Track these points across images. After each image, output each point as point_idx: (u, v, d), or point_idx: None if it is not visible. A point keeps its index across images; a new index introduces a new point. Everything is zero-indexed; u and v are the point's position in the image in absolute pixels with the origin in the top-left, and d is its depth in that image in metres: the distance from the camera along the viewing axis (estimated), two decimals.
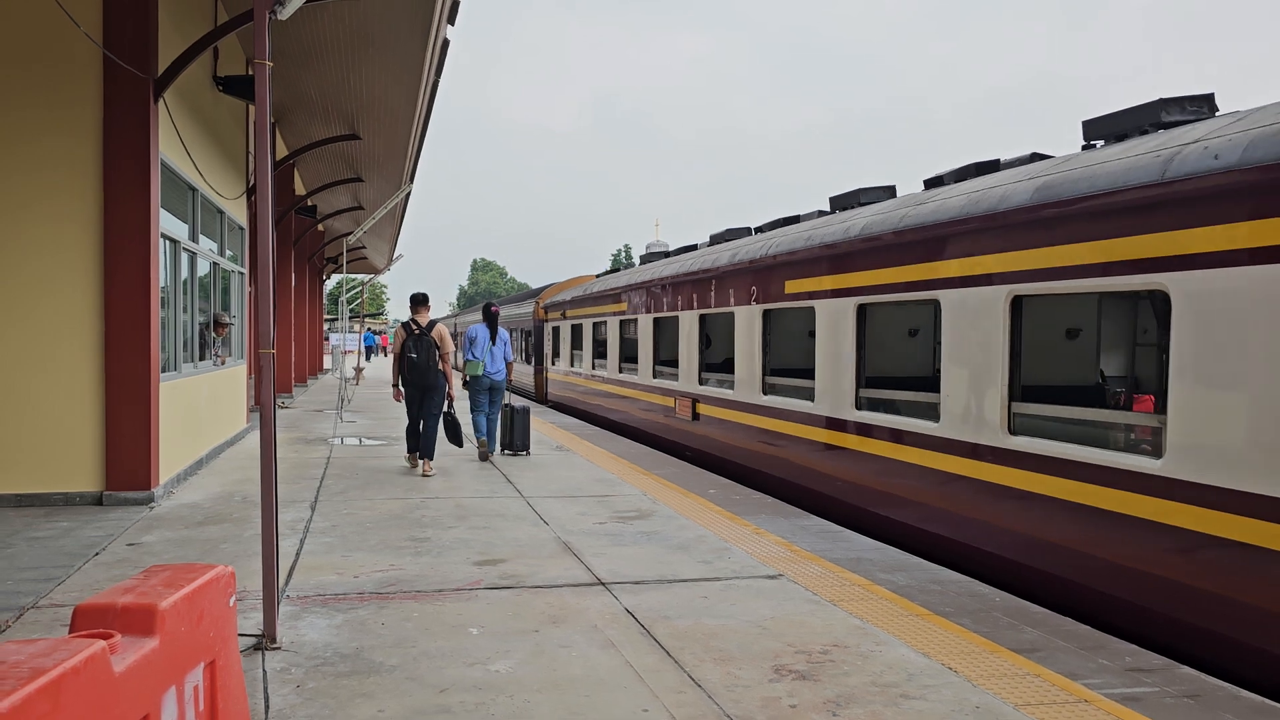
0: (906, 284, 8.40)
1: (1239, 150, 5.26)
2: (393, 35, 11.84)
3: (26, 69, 8.81)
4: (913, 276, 8.33)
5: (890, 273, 8.66)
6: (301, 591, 6.18)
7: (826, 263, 9.86)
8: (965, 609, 5.99)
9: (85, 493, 9.04)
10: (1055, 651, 5.19)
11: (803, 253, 10.29)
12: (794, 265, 10.56)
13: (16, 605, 5.78)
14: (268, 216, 5.41)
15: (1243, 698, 4.55)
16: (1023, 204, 6.85)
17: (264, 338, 5.40)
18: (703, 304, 13.28)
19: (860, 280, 9.20)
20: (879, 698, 4.50)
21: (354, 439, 14.98)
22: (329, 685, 4.58)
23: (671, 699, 4.45)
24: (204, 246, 12.28)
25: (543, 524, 8.42)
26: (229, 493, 9.91)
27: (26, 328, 8.91)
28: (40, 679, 2.28)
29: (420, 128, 16.59)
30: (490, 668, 4.82)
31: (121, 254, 9.02)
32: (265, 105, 5.46)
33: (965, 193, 7.82)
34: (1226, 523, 5.26)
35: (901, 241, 8.45)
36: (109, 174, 8.98)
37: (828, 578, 6.69)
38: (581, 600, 6.05)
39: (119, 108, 8.97)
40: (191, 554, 7.21)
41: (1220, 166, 5.32)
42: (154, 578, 3.25)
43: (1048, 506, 6.59)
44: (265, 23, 5.38)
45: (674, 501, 9.59)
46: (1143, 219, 5.87)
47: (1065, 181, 6.57)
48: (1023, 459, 6.85)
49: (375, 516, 8.67)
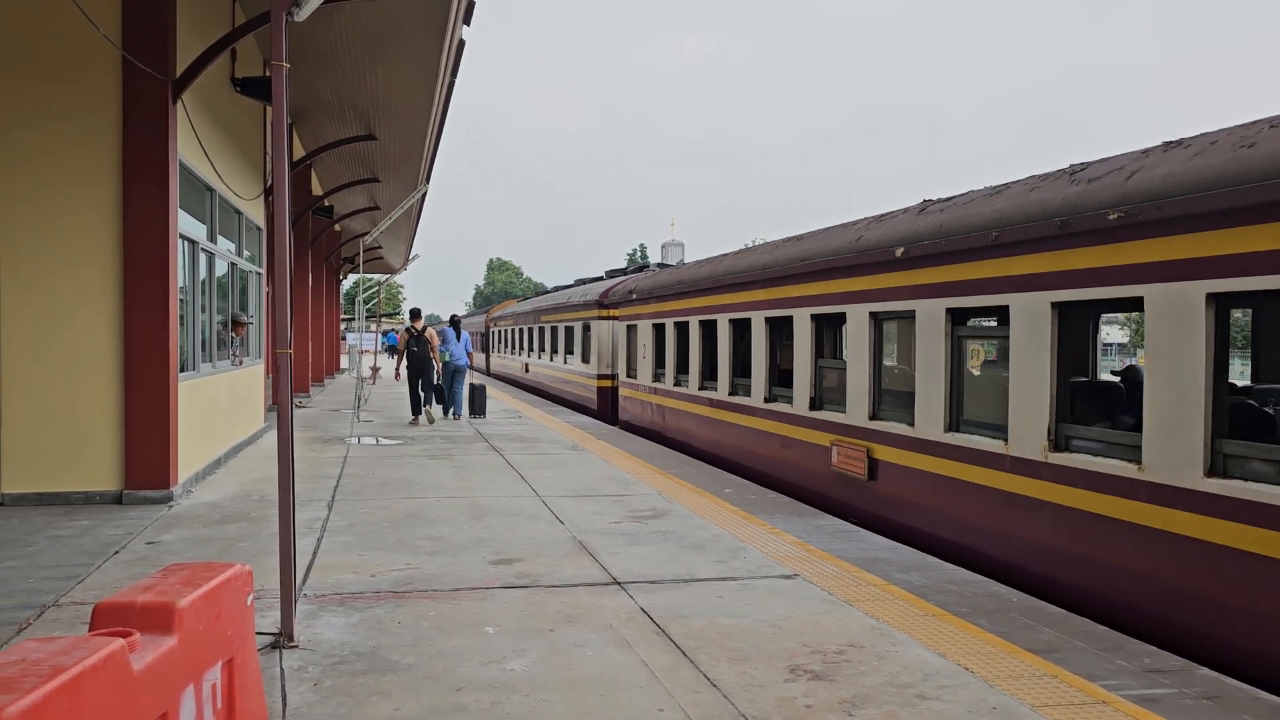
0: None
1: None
2: (408, 36, 11.88)
3: (47, 70, 8.89)
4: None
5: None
6: (319, 590, 6.21)
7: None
8: (982, 609, 5.96)
9: (105, 491, 9.12)
10: (1072, 652, 5.16)
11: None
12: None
13: (38, 603, 5.84)
14: (285, 217, 5.44)
15: (1263, 699, 4.51)
16: None
17: (281, 338, 5.43)
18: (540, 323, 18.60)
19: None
20: (895, 698, 4.48)
21: (371, 438, 15.05)
22: (346, 683, 4.60)
23: (687, 698, 4.45)
24: (222, 247, 12.35)
25: (558, 523, 8.44)
26: (247, 491, 9.98)
27: (45, 328, 8.99)
28: (60, 677, 2.30)
29: (436, 128, 16.64)
30: (506, 667, 4.83)
31: (140, 254, 9.09)
32: (282, 106, 5.49)
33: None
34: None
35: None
36: (128, 175, 9.05)
37: (843, 577, 6.67)
38: (597, 599, 6.06)
39: (138, 109, 9.04)
40: (210, 553, 7.26)
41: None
42: (173, 576, 3.28)
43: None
44: (282, 24, 5.41)
45: (690, 501, 9.58)
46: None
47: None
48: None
49: (392, 515, 8.70)
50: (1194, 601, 5.67)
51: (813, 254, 10.63)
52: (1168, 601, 5.86)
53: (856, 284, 9.67)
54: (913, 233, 8.66)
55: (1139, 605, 6.07)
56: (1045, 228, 6.84)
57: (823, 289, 10.39)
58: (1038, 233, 6.92)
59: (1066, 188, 6.83)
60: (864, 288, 9.52)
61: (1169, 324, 5.89)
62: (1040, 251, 6.99)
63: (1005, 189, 7.82)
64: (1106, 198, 6.37)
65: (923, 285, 8.49)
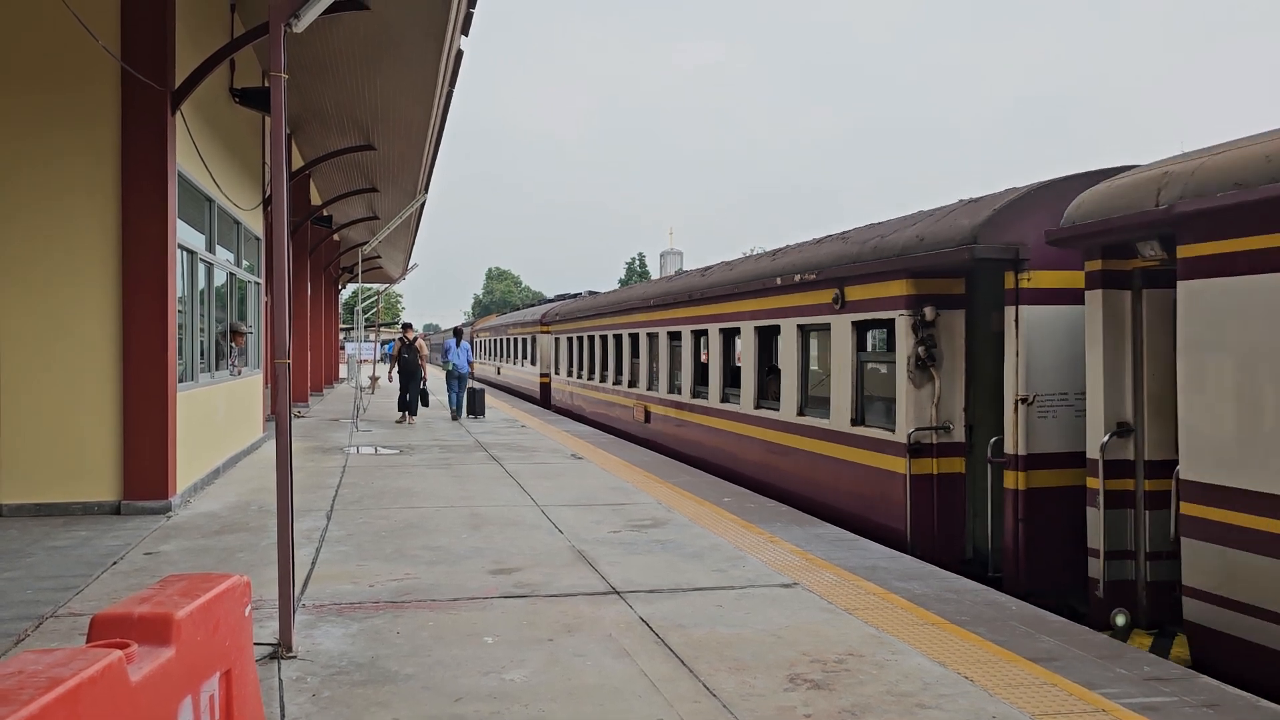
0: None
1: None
2: (407, 47, 11.91)
3: (45, 80, 8.91)
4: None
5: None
6: (317, 600, 6.20)
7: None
8: (981, 618, 5.95)
9: (103, 502, 9.10)
10: (1072, 660, 5.15)
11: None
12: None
13: (35, 614, 5.83)
14: (283, 227, 5.45)
15: (1263, 706, 4.51)
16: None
17: (279, 348, 5.43)
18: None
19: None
20: (895, 707, 4.48)
21: (369, 448, 15.04)
22: (344, 694, 4.59)
23: (686, 708, 4.44)
24: (221, 257, 12.36)
25: (557, 532, 8.43)
26: (245, 502, 9.96)
27: (44, 339, 8.99)
28: (57, 689, 2.30)
29: (434, 138, 16.67)
30: (505, 677, 4.82)
31: (139, 264, 9.10)
32: (281, 116, 5.50)
33: None
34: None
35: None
36: (127, 185, 9.06)
37: (843, 586, 6.66)
38: (596, 609, 6.05)
39: (136, 119, 9.06)
40: (208, 563, 7.25)
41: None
42: (170, 587, 3.27)
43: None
44: (281, 35, 5.42)
45: (688, 509, 9.57)
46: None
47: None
48: None
49: (391, 525, 8.69)
50: (792, 478, 11.03)
51: (638, 296, 18.43)
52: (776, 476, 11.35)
53: (660, 314, 16.34)
54: (695, 285, 14.84)
55: (782, 484, 11.18)
56: (749, 284, 12.44)
57: (642, 318, 17.51)
58: (747, 288, 12.48)
59: (756, 264, 13.03)
60: (664, 316, 16.14)
61: (771, 339, 12.22)
62: (748, 299, 12.53)
63: (743, 260, 14.52)
64: (764, 271, 12.19)
65: (693, 316, 14.67)
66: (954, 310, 8.55)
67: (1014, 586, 7.60)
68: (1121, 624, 6.47)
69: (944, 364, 8.53)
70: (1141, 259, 6.45)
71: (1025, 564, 7.70)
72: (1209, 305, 5.63)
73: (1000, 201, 8.12)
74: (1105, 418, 6.67)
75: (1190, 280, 5.75)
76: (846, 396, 9.74)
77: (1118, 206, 6.38)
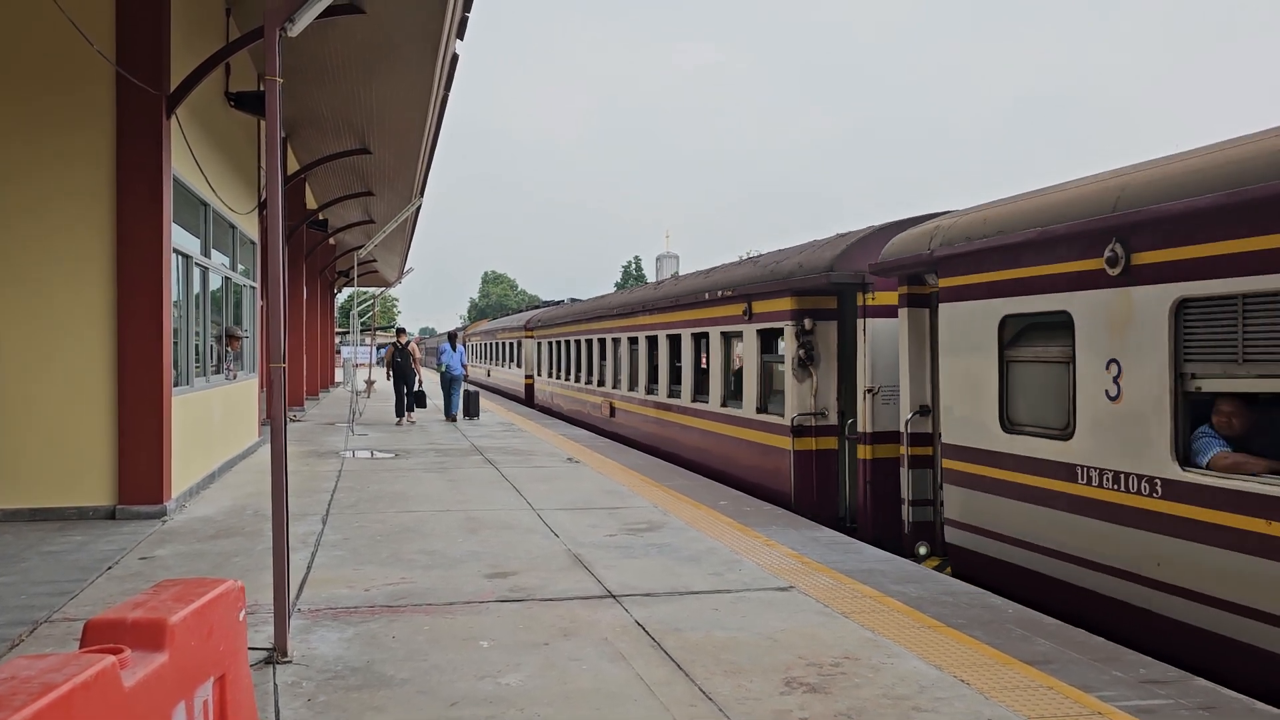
0: None
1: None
2: (402, 51, 11.92)
3: (40, 85, 8.89)
4: None
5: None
6: (313, 605, 6.19)
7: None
8: (978, 621, 5.95)
9: (98, 506, 9.08)
10: (1068, 663, 5.15)
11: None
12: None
13: (30, 619, 5.81)
14: (278, 231, 5.45)
15: (1259, 709, 4.51)
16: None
17: (275, 352, 5.43)
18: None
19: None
20: (891, 710, 4.47)
21: (365, 452, 15.02)
22: (340, 698, 4.58)
23: (682, 712, 4.44)
24: (216, 261, 12.35)
25: (553, 536, 8.42)
26: (241, 506, 9.95)
27: (38, 343, 8.97)
28: (50, 694, 2.29)
29: (430, 141, 16.67)
30: (501, 681, 4.81)
31: (134, 268, 9.08)
32: (276, 121, 5.49)
33: None
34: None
35: None
36: (122, 190, 9.04)
37: (839, 589, 6.66)
38: (592, 613, 6.04)
39: (132, 124, 9.04)
40: (203, 568, 7.23)
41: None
42: (164, 592, 3.26)
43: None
44: (276, 39, 5.42)
45: (685, 513, 9.57)
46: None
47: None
48: None
49: (386, 529, 8.67)
50: (731, 462, 12.75)
51: (604, 305, 20.72)
52: (722, 463, 12.99)
53: (621, 322, 18.64)
54: (649, 297, 17.17)
55: (714, 465, 13.13)
56: (687, 298, 14.62)
57: (608, 325, 19.78)
58: (686, 300, 14.66)
59: (694, 280, 15.35)
60: (624, 324, 18.45)
61: (704, 343, 14.11)
62: (687, 309, 14.66)
63: (688, 276, 16.84)
64: (698, 287, 14.34)
65: (647, 324, 16.88)
66: (828, 321, 10.87)
67: (864, 534, 9.62)
68: (924, 553, 8.55)
69: (821, 364, 10.82)
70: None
71: (872, 516, 9.93)
72: (950, 320, 8.09)
73: (852, 238, 10.70)
74: (910, 401, 8.98)
75: (943, 303, 8.19)
76: (754, 389, 12.11)
77: (909, 248, 8.79)
